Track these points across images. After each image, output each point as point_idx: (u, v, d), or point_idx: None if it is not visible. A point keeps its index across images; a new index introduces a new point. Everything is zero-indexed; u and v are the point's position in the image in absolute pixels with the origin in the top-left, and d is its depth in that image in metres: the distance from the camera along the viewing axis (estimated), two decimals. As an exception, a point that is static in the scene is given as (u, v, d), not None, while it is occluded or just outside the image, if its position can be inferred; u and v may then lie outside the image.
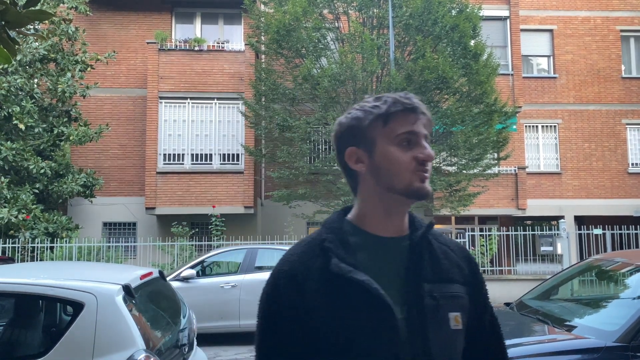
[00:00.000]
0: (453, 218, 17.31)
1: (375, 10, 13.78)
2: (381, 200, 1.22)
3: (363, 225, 1.23)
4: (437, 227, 17.04)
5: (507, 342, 1.39)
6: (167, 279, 5.86)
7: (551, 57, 17.72)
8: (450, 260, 1.25)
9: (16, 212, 11.74)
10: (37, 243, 11.92)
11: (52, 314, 4.08)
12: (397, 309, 1.13)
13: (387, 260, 1.19)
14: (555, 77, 17.56)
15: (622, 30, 17.96)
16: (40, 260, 11.59)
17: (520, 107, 16.08)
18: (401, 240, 1.23)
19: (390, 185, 1.19)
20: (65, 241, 12.23)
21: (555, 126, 17.47)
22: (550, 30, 17.78)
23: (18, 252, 11.79)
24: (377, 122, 1.23)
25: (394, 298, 1.13)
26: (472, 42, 13.37)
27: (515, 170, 15.83)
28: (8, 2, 1.94)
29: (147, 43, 14.77)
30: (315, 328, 1.13)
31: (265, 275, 6.72)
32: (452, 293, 1.20)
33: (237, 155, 14.68)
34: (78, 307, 3.21)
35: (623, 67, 17.94)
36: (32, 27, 12.21)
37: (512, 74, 16.38)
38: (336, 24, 14.29)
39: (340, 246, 1.19)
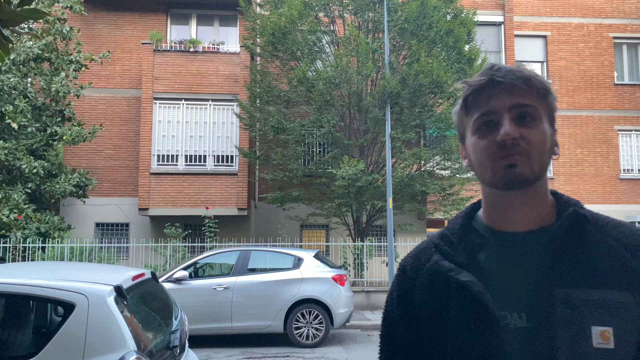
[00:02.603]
0: (446, 222, 17.36)
1: (370, 14, 13.84)
2: (487, 194, 1.08)
3: (487, 220, 1.09)
4: (429, 230, 17.14)
5: None
6: (160, 280, 5.84)
7: (545, 63, 17.83)
8: (612, 259, 0.97)
9: (8, 212, 11.67)
10: (29, 243, 11.85)
11: (42, 315, 4.05)
12: (515, 315, 0.98)
13: (515, 260, 1.02)
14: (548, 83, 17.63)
15: (615, 37, 18.11)
16: (31, 260, 11.52)
17: (514, 112, 16.14)
18: (538, 234, 1.03)
19: (482, 179, 1.05)
20: (57, 241, 12.17)
21: (548, 131, 17.55)
22: (544, 36, 17.90)
23: (9, 252, 11.72)
24: (461, 112, 1.09)
25: (516, 303, 0.98)
26: (467, 47, 13.45)
27: (508, 174, 15.87)
28: (2, 0, 1.94)
29: (142, 44, 14.75)
30: (419, 327, 1.09)
31: (258, 278, 6.73)
32: (601, 300, 0.94)
33: (231, 156, 14.66)
34: (69, 307, 3.20)
35: (615, 74, 18.08)
36: (26, 25, 12.16)
37: (506, 79, 16.44)
38: (331, 27, 14.33)
39: (453, 243, 1.09)
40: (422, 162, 13.90)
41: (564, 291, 0.95)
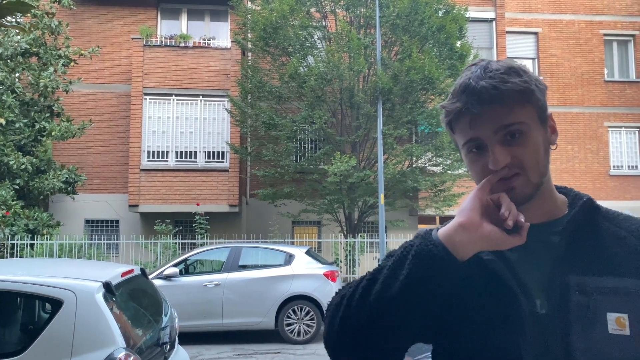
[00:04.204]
0: (437, 218, 17.40)
1: (362, 10, 13.81)
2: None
3: None
4: (420, 226, 17.21)
5: None
6: (150, 277, 5.79)
7: (536, 60, 17.90)
8: (626, 248, 0.99)
9: (-4, 208, 11.55)
10: (17, 240, 11.73)
11: (30, 311, 4.00)
12: (537, 302, 0.98)
13: (528, 249, 1.00)
14: (539, 80, 17.72)
15: (605, 34, 18.21)
16: (20, 257, 11.41)
17: (505, 108, 16.20)
18: (550, 225, 1.04)
19: None
20: (46, 238, 12.06)
21: (539, 128, 17.64)
22: (536, 33, 17.97)
23: (-3, 249, 11.60)
24: (449, 129, 1.07)
25: (531, 290, 0.98)
26: (458, 43, 13.46)
27: (499, 171, 15.94)
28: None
29: (132, 39, 14.62)
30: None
31: (249, 274, 6.67)
32: (616, 288, 0.95)
33: (222, 153, 14.59)
34: (57, 304, 3.15)
35: (606, 71, 18.19)
36: (13, 19, 12.01)
37: (497, 76, 16.49)
38: (323, 23, 14.28)
39: None
40: (414, 158, 13.91)
41: (578, 278, 0.96)
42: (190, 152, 14.54)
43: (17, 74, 13.15)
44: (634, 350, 0.92)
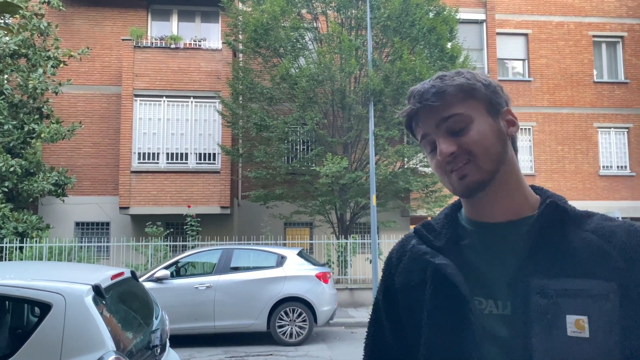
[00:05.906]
0: (429, 218, 17.43)
1: (353, 11, 13.83)
2: None
3: (467, 213, 1.12)
4: (412, 227, 17.29)
5: None
6: (141, 279, 5.75)
7: (526, 61, 18.01)
8: (591, 249, 0.98)
9: (-16, 211, 11.43)
10: (6, 243, 11.62)
11: (18, 315, 3.96)
12: (492, 302, 1.00)
13: (494, 249, 1.04)
14: (530, 81, 17.86)
15: (594, 36, 18.37)
16: (8, 260, 11.30)
17: (496, 109, 16.27)
18: (518, 224, 1.04)
19: (448, 189, 1.10)
20: (36, 241, 11.95)
21: (529, 129, 17.76)
22: (525, 35, 18.08)
23: (-14, 252, 11.48)
24: (412, 135, 1.16)
25: (493, 291, 1.00)
26: (449, 45, 13.51)
27: (490, 171, 16.01)
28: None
29: (122, 40, 14.54)
30: (399, 313, 1.13)
31: (241, 276, 6.66)
32: (577, 290, 0.95)
33: (214, 154, 14.54)
34: (45, 308, 3.12)
35: (595, 72, 18.34)
36: (2, 20, 11.92)
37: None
38: (314, 24, 14.29)
39: (435, 230, 1.13)
40: (405, 159, 13.94)
41: (540, 281, 0.96)
42: (181, 153, 14.48)
43: (6, 76, 13.04)
44: (593, 352, 0.92)
